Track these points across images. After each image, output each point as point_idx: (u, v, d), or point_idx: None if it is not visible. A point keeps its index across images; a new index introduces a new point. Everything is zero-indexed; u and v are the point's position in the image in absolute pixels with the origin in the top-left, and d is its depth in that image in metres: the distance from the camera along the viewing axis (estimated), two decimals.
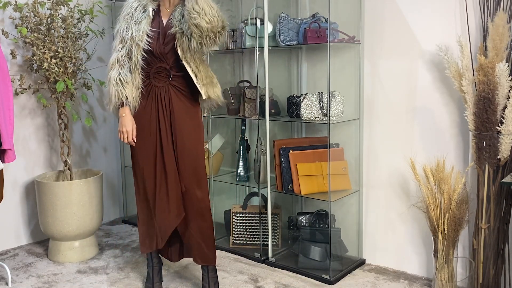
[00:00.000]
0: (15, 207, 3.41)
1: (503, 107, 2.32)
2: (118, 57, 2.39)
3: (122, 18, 2.42)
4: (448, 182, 2.47)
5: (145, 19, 2.39)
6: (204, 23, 2.24)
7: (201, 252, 2.52)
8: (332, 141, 2.87)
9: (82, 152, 3.79)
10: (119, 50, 2.39)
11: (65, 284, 2.85)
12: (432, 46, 2.65)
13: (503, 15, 2.27)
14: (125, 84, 2.38)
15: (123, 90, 2.38)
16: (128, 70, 2.38)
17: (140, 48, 2.36)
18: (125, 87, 2.38)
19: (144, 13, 2.39)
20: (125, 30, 2.38)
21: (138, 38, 2.36)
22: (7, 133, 2.61)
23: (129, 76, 2.38)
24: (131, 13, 2.40)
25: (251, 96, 3.06)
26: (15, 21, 3.19)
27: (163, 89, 2.44)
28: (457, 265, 2.62)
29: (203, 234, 2.50)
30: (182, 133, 2.45)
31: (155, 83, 2.44)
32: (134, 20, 2.38)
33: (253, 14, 2.94)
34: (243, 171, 3.26)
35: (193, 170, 2.47)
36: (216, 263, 2.59)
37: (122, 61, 2.38)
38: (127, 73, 2.38)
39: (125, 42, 2.38)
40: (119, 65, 2.39)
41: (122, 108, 2.42)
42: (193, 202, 2.48)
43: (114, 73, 2.38)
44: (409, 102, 2.78)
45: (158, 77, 2.43)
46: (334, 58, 2.90)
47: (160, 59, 2.41)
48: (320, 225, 2.94)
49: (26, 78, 3.26)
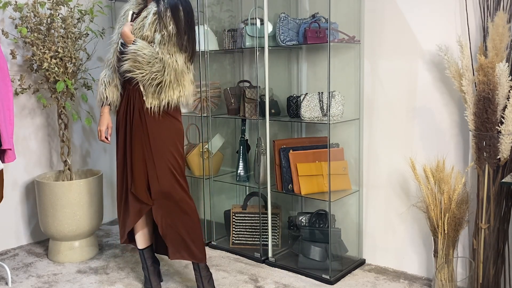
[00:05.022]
0: (15, 207, 3.41)
1: (503, 107, 2.32)
2: (107, 59, 2.56)
3: (117, 22, 2.58)
4: (448, 182, 2.47)
5: (124, 21, 2.52)
6: None
7: (189, 250, 2.50)
8: (332, 141, 2.87)
9: (82, 152, 3.79)
10: (109, 51, 2.56)
11: (65, 284, 2.85)
12: (432, 46, 2.65)
13: (503, 15, 2.27)
14: (107, 84, 2.53)
15: (104, 90, 2.53)
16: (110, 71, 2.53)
17: (116, 51, 2.49)
18: (107, 87, 2.53)
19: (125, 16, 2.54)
20: (116, 34, 2.54)
21: (115, 39, 2.52)
22: (7, 133, 2.61)
23: (111, 77, 2.52)
24: (120, 17, 2.57)
25: (251, 96, 3.06)
26: (15, 21, 3.19)
27: (133, 91, 2.46)
28: (457, 265, 2.62)
29: (190, 233, 2.48)
30: (154, 134, 2.44)
31: (127, 86, 2.49)
32: (119, 24, 2.54)
33: (253, 14, 2.95)
34: (243, 171, 3.26)
35: (168, 173, 2.45)
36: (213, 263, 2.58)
37: (108, 62, 2.55)
38: (110, 74, 2.53)
39: (113, 45, 2.53)
40: (106, 66, 2.57)
41: (101, 107, 2.59)
42: (174, 203, 2.46)
43: (102, 74, 2.56)
44: (409, 102, 2.78)
45: (128, 80, 2.45)
46: (334, 58, 2.90)
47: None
48: (320, 225, 2.94)
49: (26, 78, 3.26)
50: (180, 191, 2.47)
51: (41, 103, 3.34)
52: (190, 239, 2.49)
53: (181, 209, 2.47)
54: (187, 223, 2.48)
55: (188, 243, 2.49)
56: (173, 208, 2.47)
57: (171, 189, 2.45)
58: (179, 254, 2.52)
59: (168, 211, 2.47)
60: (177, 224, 2.48)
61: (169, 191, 2.45)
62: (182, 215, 2.48)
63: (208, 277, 2.59)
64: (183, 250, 2.51)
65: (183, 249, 2.51)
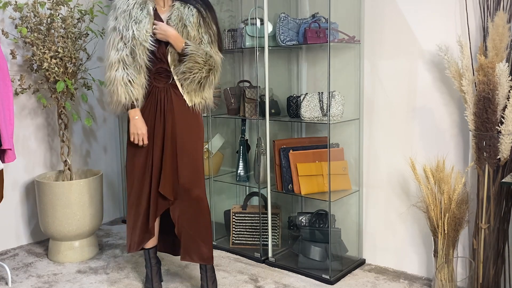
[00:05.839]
0: (15, 207, 3.41)
1: (503, 107, 2.32)
2: (122, 57, 2.34)
3: (119, 15, 2.36)
4: (448, 182, 2.47)
5: (146, 18, 2.36)
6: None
7: (199, 251, 2.51)
8: (332, 141, 2.87)
9: (82, 152, 3.79)
10: (120, 49, 2.34)
11: (65, 284, 2.85)
12: (432, 46, 2.65)
13: (503, 15, 2.27)
14: (134, 84, 2.36)
15: (134, 91, 2.36)
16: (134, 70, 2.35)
17: (145, 49, 2.35)
18: (134, 87, 2.36)
19: (142, 12, 2.36)
20: (125, 29, 2.34)
21: (141, 38, 2.33)
22: (7, 133, 2.61)
23: (135, 76, 2.36)
24: (129, 10, 2.35)
25: (251, 96, 3.06)
26: (15, 21, 3.19)
27: (163, 90, 2.44)
28: (457, 265, 2.62)
29: (201, 233, 2.50)
30: (182, 134, 2.45)
31: (156, 84, 2.44)
32: (133, 18, 2.34)
33: (253, 14, 2.94)
34: (243, 171, 3.26)
35: (192, 170, 2.47)
36: (214, 263, 2.59)
37: (127, 60, 2.34)
38: (134, 74, 2.35)
39: (127, 41, 2.33)
40: (123, 65, 2.34)
41: (133, 110, 2.41)
42: (192, 201, 2.48)
43: (119, 73, 2.34)
44: (409, 102, 2.78)
45: (159, 78, 2.43)
46: (334, 58, 2.90)
47: (161, 60, 2.41)
48: (320, 225, 2.94)
49: (26, 78, 3.26)
50: (200, 189, 2.49)
51: (41, 103, 3.34)
52: (201, 240, 2.50)
53: (196, 208, 2.48)
54: (200, 222, 2.50)
55: (199, 244, 2.50)
56: (189, 207, 2.49)
57: (193, 185, 2.47)
58: (189, 257, 2.53)
59: (184, 210, 2.49)
60: (190, 223, 2.49)
61: (190, 188, 2.47)
62: (197, 214, 2.49)
63: (213, 278, 2.60)
64: (193, 253, 2.52)
65: (194, 251, 2.52)
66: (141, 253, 3.27)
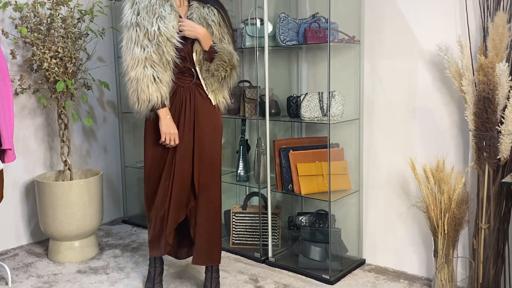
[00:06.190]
0: (15, 207, 3.41)
1: (503, 107, 2.32)
2: (149, 54, 2.25)
3: (141, 10, 2.26)
4: (448, 182, 2.47)
5: (171, 14, 2.30)
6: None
7: (208, 253, 2.52)
8: (332, 141, 2.87)
9: (82, 152, 3.79)
10: (146, 46, 2.25)
11: (65, 284, 2.85)
12: (432, 46, 2.65)
13: (503, 15, 2.27)
14: (164, 82, 2.30)
15: (163, 89, 2.30)
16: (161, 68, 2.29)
17: (172, 45, 2.29)
18: (164, 85, 2.30)
19: (165, 8, 2.29)
20: (150, 25, 2.25)
21: (169, 34, 2.27)
22: (7, 133, 2.61)
23: (163, 74, 2.29)
24: (151, 6, 2.27)
25: (251, 96, 3.06)
26: (15, 21, 3.19)
27: (188, 90, 2.42)
28: (457, 265, 2.62)
29: (212, 234, 2.51)
30: (203, 135, 2.45)
31: (179, 83, 2.40)
32: (157, 14, 2.26)
33: (253, 14, 2.95)
34: (243, 171, 3.26)
35: (210, 171, 2.48)
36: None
37: (154, 58, 2.26)
38: (162, 71, 2.28)
39: (152, 38, 2.25)
40: (151, 63, 2.26)
41: (164, 109, 2.34)
42: (207, 201, 2.48)
43: (149, 71, 2.26)
44: (409, 102, 2.78)
45: (182, 77, 2.40)
46: (334, 58, 2.90)
47: (185, 59, 2.39)
48: (320, 225, 2.94)
49: (26, 78, 3.26)
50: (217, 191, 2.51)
51: (41, 103, 3.34)
52: (214, 244, 2.52)
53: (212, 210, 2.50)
54: (215, 226, 2.51)
55: (212, 247, 2.52)
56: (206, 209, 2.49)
57: (211, 187, 2.48)
58: (201, 261, 2.55)
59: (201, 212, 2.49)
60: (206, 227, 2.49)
61: (209, 188, 2.48)
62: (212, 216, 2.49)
63: (217, 280, 2.61)
64: (205, 257, 2.53)
65: (206, 255, 2.53)
66: (141, 253, 3.28)
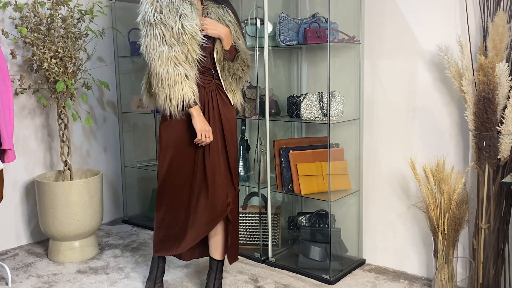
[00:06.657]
0: (15, 207, 3.41)
1: (503, 107, 2.32)
2: (177, 53, 2.22)
3: (164, 8, 2.21)
4: (448, 182, 2.47)
5: (193, 13, 2.27)
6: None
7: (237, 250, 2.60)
8: (332, 141, 2.87)
9: (82, 152, 3.79)
10: (174, 44, 2.22)
11: (65, 284, 2.85)
12: (432, 46, 2.65)
13: (503, 15, 2.27)
14: (194, 80, 2.29)
15: (195, 87, 2.29)
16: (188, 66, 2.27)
17: (197, 43, 2.27)
18: (195, 84, 2.30)
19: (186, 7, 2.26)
20: (174, 23, 2.22)
21: (193, 32, 2.25)
22: (7, 133, 2.61)
23: (192, 73, 2.28)
24: (173, 4, 2.24)
25: (251, 96, 3.06)
26: (15, 21, 3.19)
27: (209, 89, 2.43)
28: (457, 265, 2.62)
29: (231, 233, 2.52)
30: (227, 135, 2.47)
31: (200, 83, 2.37)
32: (180, 12, 2.23)
33: (253, 14, 2.95)
34: (243, 171, 3.26)
35: (234, 170, 2.51)
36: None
37: (182, 57, 2.24)
38: (190, 70, 2.27)
39: (176, 37, 2.23)
40: (181, 61, 2.24)
41: (197, 106, 2.32)
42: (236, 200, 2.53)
43: (181, 69, 2.23)
44: (409, 102, 2.78)
45: (202, 77, 2.38)
46: (334, 58, 2.90)
47: (206, 58, 2.38)
48: (320, 225, 2.94)
49: (26, 78, 3.26)
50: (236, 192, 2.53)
51: (41, 103, 3.34)
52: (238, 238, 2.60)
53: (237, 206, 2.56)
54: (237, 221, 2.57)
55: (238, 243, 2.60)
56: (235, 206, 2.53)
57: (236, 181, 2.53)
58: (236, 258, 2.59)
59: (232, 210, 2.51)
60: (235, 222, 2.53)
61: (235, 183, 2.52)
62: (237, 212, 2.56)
63: (220, 280, 2.62)
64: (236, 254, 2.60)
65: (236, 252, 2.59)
66: (141, 253, 3.28)
